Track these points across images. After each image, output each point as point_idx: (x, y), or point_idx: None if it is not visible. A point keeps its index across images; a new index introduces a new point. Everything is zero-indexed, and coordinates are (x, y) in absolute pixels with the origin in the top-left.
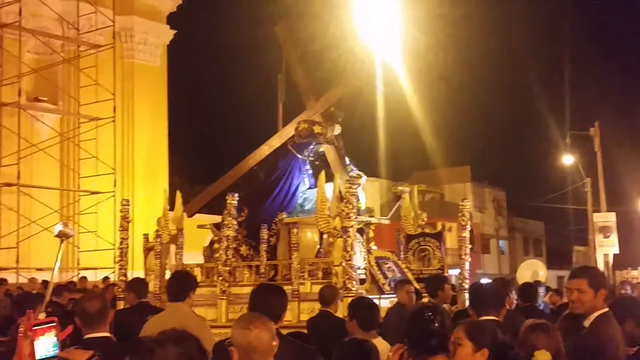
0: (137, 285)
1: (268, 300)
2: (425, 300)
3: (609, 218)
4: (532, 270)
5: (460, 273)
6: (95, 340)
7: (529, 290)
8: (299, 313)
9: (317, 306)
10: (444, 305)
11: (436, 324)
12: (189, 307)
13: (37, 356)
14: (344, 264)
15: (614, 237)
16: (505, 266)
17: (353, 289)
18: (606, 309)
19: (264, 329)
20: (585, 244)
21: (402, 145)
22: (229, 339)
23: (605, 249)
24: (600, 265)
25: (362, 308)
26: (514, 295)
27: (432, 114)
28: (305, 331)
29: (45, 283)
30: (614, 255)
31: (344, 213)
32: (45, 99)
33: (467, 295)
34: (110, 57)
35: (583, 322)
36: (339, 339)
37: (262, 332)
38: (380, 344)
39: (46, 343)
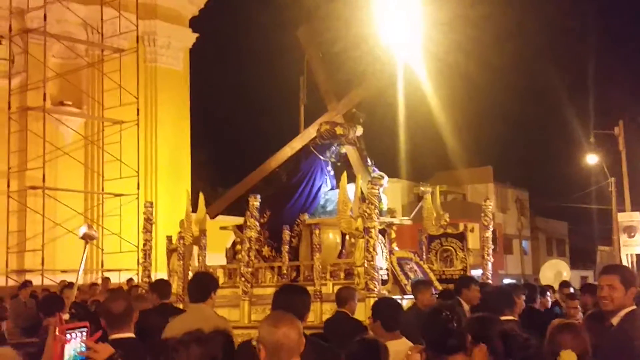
0: (160, 287)
1: (291, 300)
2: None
3: (633, 218)
4: (555, 270)
5: (482, 274)
6: (120, 341)
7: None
8: (322, 314)
9: None
10: (465, 306)
11: (454, 324)
12: (210, 308)
13: (66, 358)
14: (365, 265)
15: (638, 237)
16: (528, 267)
17: (375, 289)
18: (634, 307)
19: (293, 327)
20: (610, 244)
21: (424, 145)
22: (255, 337)
23: (630, 248)
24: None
25: (386, 309)
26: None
27: (454, 114)
28: None
29: (62, 284)
30: (638, 255)
31: (366, 214)
32: (70, 103)
33: None
34: (134, 61)
35: (609, 320)
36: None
37: (291, 331)
38: (404, 344)
39: (75, 346)
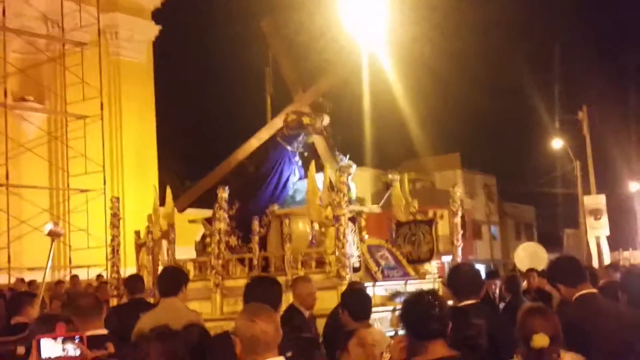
0: (132, 282)
1: (263, 292)
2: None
3: (599, 200)
4: (531, 251)
5: (452, 259)
6: (93, 338)
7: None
8: None
9: None
10: None
11: (437, 309)
12: (181, 302)
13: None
14: (337, 253)
15: (604, 219)
16: (497, 252)
17: (346, 277)
18: None
19: (270, 322)
20: (576, 227)
21: (391, 134)
22: (231, 329)
23: (596, 231)
24: (593, 247)
25: (353, 298)
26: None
27: (420, 101)
28: None
29: (30, 284)
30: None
31: (335, 202)
32: (32, 98)
33: None
34: (96, 54)
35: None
36: None
37: (268, 325)
38: (374, 333)
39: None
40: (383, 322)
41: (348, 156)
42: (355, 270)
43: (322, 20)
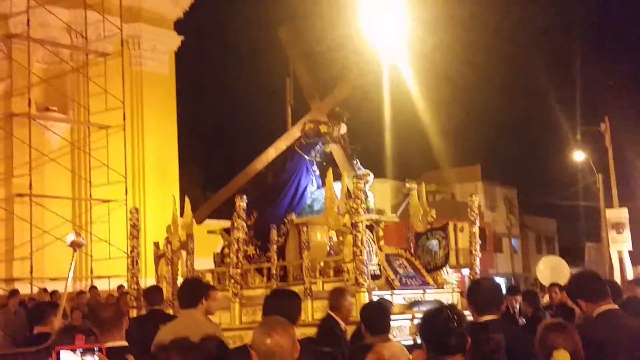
0: (150, 293)
1: (282, 305)
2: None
3: (621, 214)
4: (552, 265)
5: (471, 270)
6: (113, 350)
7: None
8: (313, 312)
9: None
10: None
11: (456, 324)
12: (201, 314)
13: None
14: (354, 260)
15: (627, 233)
16: (518, 265)
17: (365, 283)
18: None
19: (285, 335)
20: (598, 241)
21: (411, 146)
22: (249, 342)
23: (619, 245)
24: (615, 262)
25: (369, 312)
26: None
27: (440, 113)
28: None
29: (53, 294)
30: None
31: (353, 209)
32: (55, 108)
33: None
34: (119, 65)
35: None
36: None
37: (283, 339)
38: (392, 347)
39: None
40: (401, 330)
41: (358, 161)
42: (376, 277)
43: (342, 30)
